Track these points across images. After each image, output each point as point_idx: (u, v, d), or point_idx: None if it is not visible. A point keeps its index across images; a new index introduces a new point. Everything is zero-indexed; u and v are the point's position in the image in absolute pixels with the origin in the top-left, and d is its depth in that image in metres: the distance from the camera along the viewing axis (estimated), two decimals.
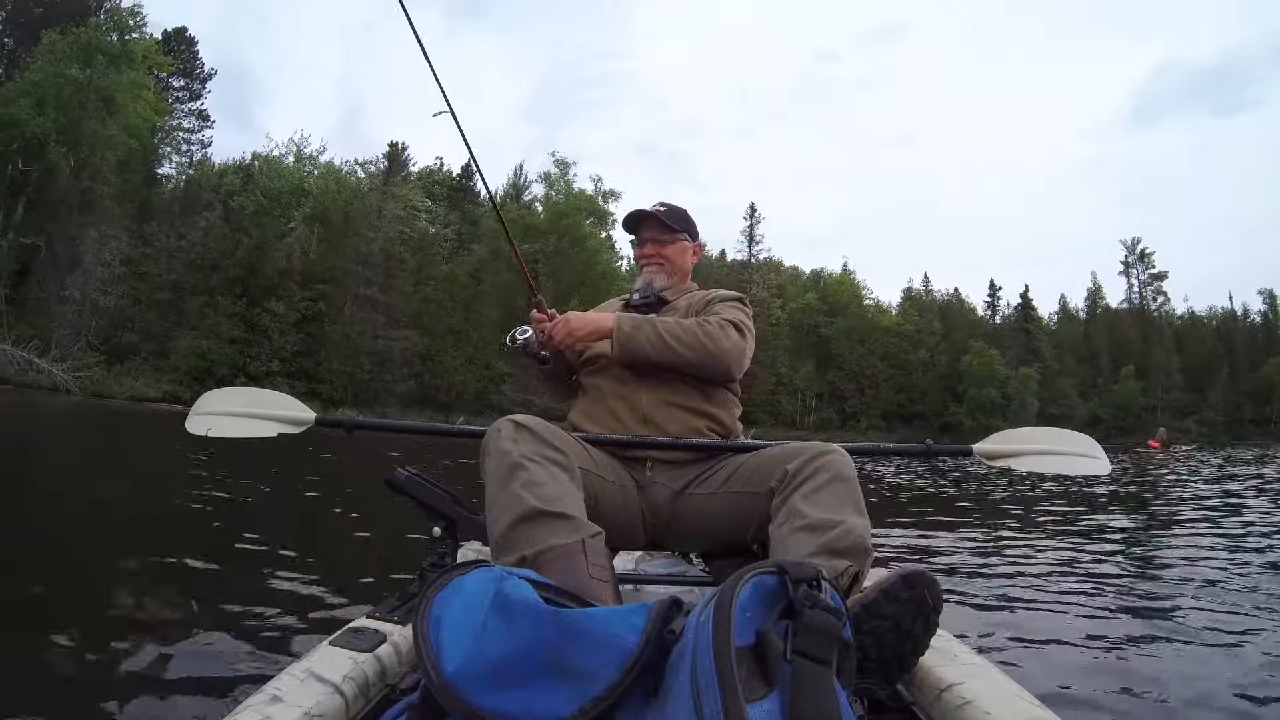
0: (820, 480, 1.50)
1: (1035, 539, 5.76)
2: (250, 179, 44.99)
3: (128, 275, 36.44)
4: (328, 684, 1.19)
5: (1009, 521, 6.99)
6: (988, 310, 67.07)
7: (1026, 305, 65.77)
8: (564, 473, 1.49)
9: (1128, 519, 7.39)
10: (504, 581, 0.97)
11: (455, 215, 48.45)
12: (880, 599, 1.26)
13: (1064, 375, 60.71)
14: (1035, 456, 1.95)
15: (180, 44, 45.68)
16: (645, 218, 2.17)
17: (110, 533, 4.08)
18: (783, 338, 54.68)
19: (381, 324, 41.36)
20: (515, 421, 1.54)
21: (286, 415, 2.08)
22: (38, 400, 23.68)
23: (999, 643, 2.78)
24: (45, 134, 32.13)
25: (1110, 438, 55.28)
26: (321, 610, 2.77)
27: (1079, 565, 4.58)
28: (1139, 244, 66.77)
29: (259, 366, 36.99)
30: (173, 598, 2.80)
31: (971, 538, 5.80)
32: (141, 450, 10.30)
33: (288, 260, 39.97)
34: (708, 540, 1.82)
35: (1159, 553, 5.18)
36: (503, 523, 1.40)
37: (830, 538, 1.39)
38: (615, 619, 0.91)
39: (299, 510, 5.50)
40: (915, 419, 55.44)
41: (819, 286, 61.44)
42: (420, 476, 1.78)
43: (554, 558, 1.33)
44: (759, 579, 0.86)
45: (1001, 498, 9.42)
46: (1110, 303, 69.23)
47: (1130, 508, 8.56)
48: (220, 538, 4.09)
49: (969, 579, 4.00)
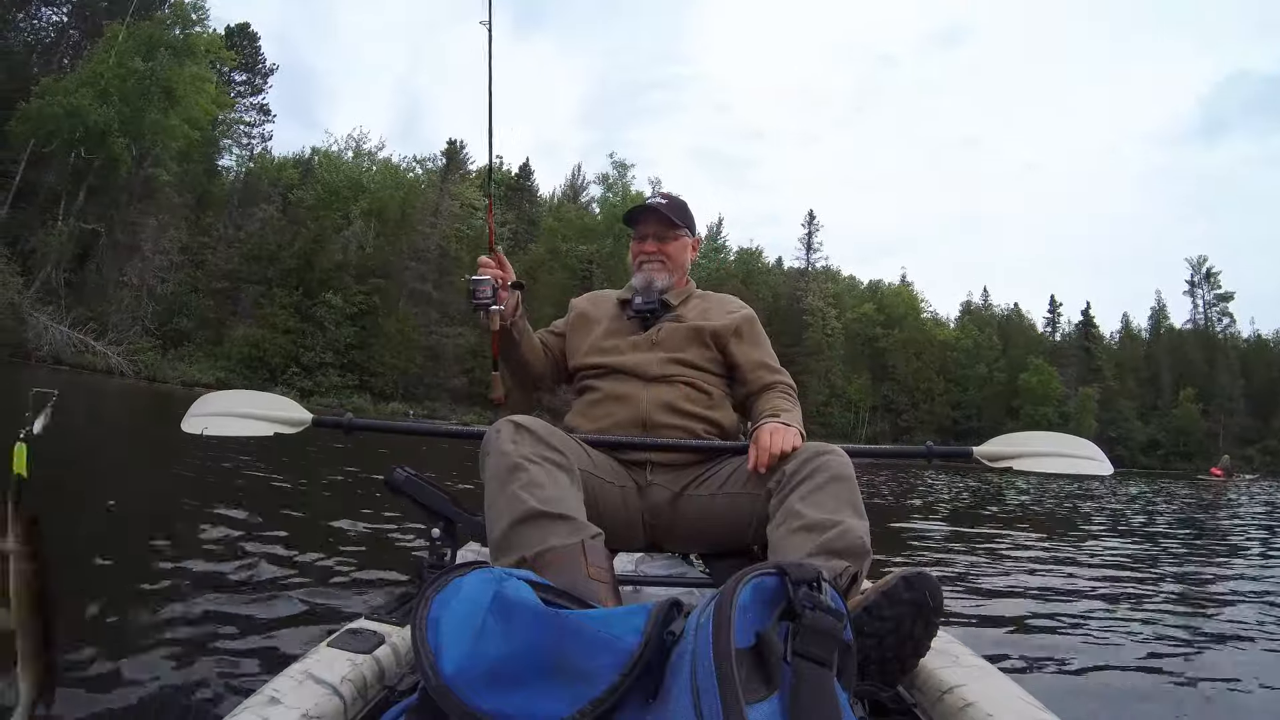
0: (818, 481, 1.50)
1: (1047, 544, 5.85)
2: (309, 173, 45.23)
3: (185, 263, 36.75)
4: (326, 685, 1.19)
5: (1019, 525, 7.17)
6: (1048, 327, 65.28)
7: (1088, 323, 63.81)
8: (564, 474, 1.48)
9: (1169, 540, 7.03)
10: (503, 583, 0.98)
11: (512, 214, 48.30)
12: (881, 600, 1.27)
13: (1124, 396, 58.57)
14: (1035, 458, 1.95)
15: (243, 39, 45.89)
16: (646, 210, 2.11)
17: (103, 522, 3.90)
18: (838, 348, 52.93)
19: (435, 320, 41.09)
20: (515, 422, 1.52)
21: (283, 416, 2.10)
22: (86, 381, 23.44)
23: (1002, 645, 2.73)
24: (108, 123, 32.07)
25: (1170, 463, 54.29)
26: (319, 611, 2.66)
27: (1092, 571, 4.59)
28: (1205, 263, 64.81)
29: (312, 357, 36.60)
30: (168, 595, 2.64)
31: (976, 540, 5.90)
32: (161, 433, 10.14)
33: (344, 254, 39.85)
34: (707, 541, 1.84)
35: (1186, 569, 5.07)
36: (502, 524, 1.40)
37: (828, 538, 1.39)
38: (615, 620, 0.91)
39: (298, 508, 5.28)
40: (970, 435, 53.43)
41: (876, 297, 59.82)
42: (419, 477, 1.80)
43: (553, 559, 1.33)
44: (759, 580, 0.87)
45: (1015, 505, 9.64)
46: (1174, 323, 67.07)
47: (1172, 527, 8.43)
48: (217, 533, 3.92)
49: (972, 580, 4.02)
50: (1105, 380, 58.25)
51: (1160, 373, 61.56)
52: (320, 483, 6.92)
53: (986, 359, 56.93)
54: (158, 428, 9.85)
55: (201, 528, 4.01)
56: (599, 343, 2.04)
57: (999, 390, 55.59)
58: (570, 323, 2.16)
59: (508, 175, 50.96)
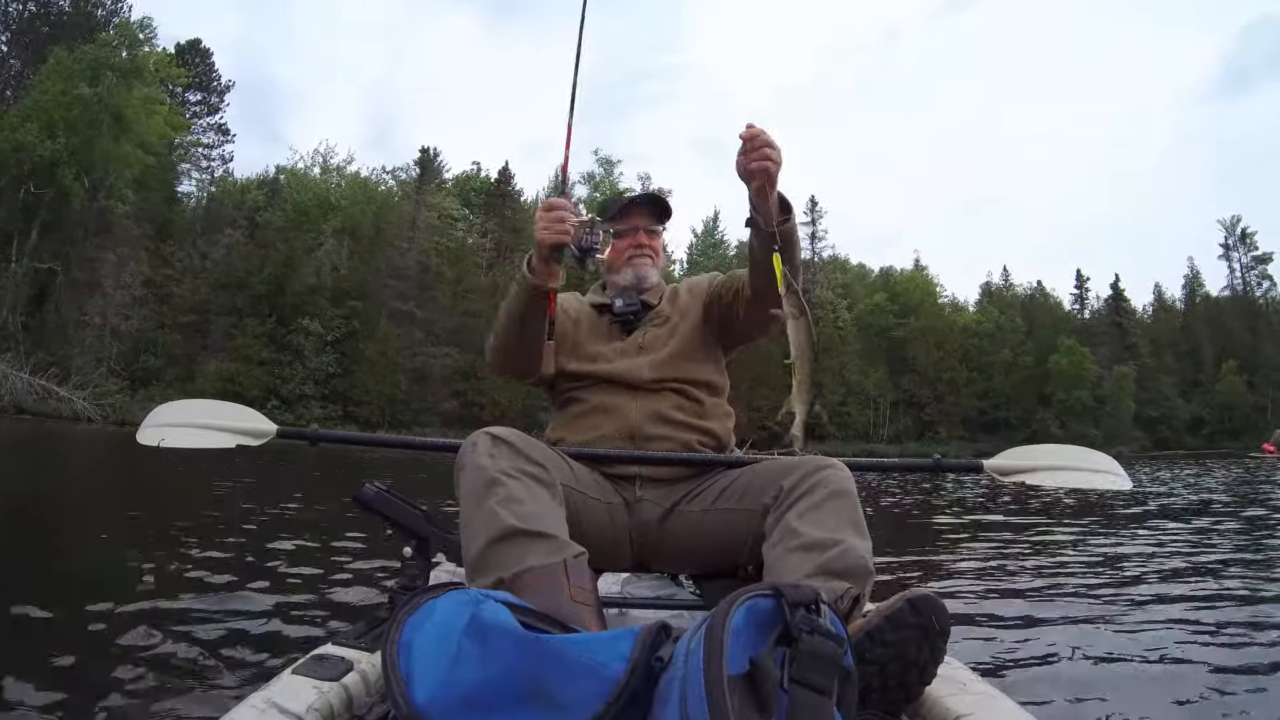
0: (817, 497, 1.50)
1: (1070, 552, 5.67)
2: (275, 193, 45.46)
3: (149, 298, 36.90)
4: (290, 715, 1.18)
5: (1040, 529, 7.05)
6: (1075, 304, 65.32)
7: (1118, 297, 63.66)
8: (544, 489, 1.48)
9: (1219, 538, 6.58)
10: (480, 605, 0.97)
11: (494, 223, 48.32)
12: (884, 625, 1.26)
13: (1162, 373, 58.54)
14: (1050, 472, 1.97)
15: (195, 56, 46.20)
16: (637, 203, 2.09)
17: (63, 546, 4.15)
18: (851, 342, 52.93)
19: (419, 340, 41.16)
20: (492, 434, 1.53)
21: (245, 426, 2.10)
22: (52, 430, 23.72)
23: (1012, 671, 2.69)
24: (56, 155, 32.39)
25: (1216, 441, 54.07)
26: (283, 635, 2.70)
27: (1121, 583, 4.42)
28: (1239, 223, 64.65)
29: (291, 389, 36.79)
30: (123, 620, 2.68)
31: (991, 547, 5.84)
32: (121, 470, 10.57)
33: (317, 276, 40.02)
34: (698, 561, 1.82)
35: (1238, 580, 4.54)
36: (478, 542, 1.39)
37: (828, 558, 1.39)
38: (599, 646, 0.91)
39: (261, 527, 5.45)
40: (1000, 427, 53.39)
41: (889, 285, 59.82)
42: (390, 492, 1.80)
43: (533, 580, 1.32)
44: (753, 602, 0.87)
45: (1037, 503, 9.44)
46: (1210, 290, 66.92)
47: (1220, 520, 8.00)
48: (175, 555, 4.02)
49: (983, 596, 3.97)
50: (1141, 357, 58.17)
51: (1200, 345, 61.58)
52: (287, 500, 6.99)
53: (1011, 343, 56.90)
54: (124, 472, 10.01)
55: (160, 549, 4.09)
56: (581, 348, 2.01)
57: (1027, 375, 55.55)
58: None
59: (487, 181, 50.96)
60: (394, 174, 48.72)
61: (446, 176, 49.91)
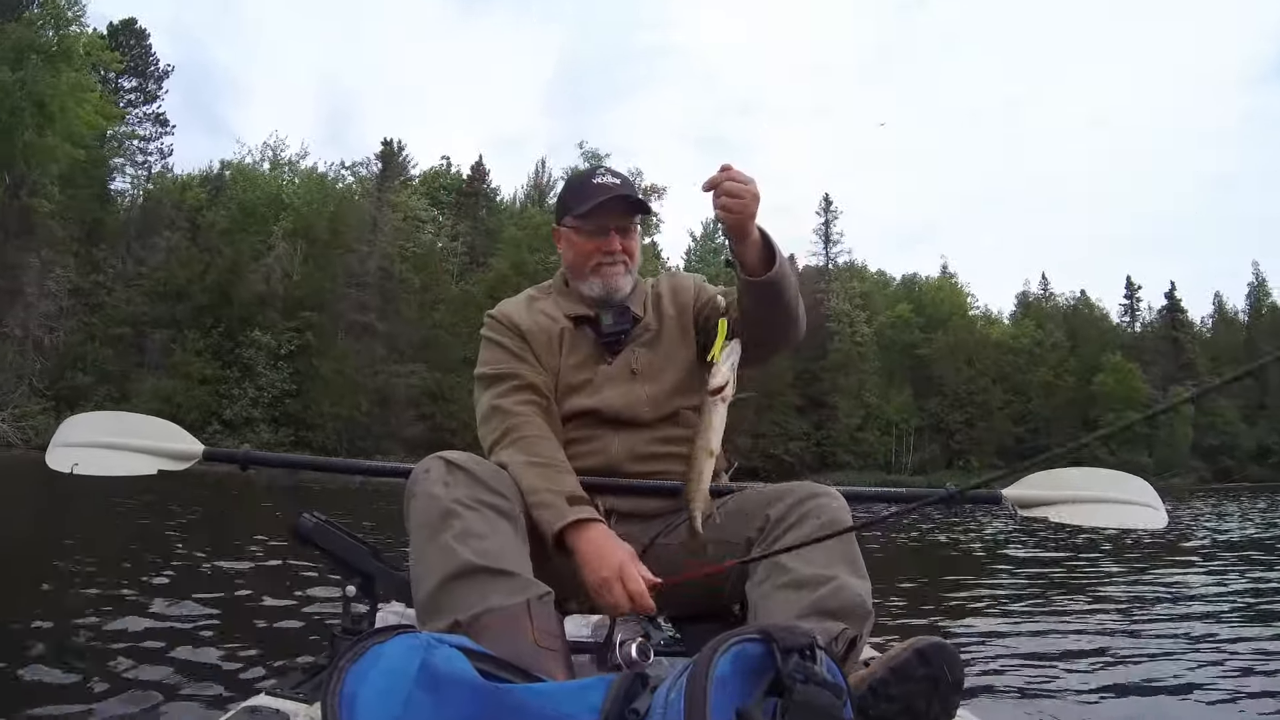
0: (808, 529, 1.50)
1: (1104, 588, 5.75)
2: (220, 191, 45.62)
3: (77, 308, 36.97)
4: None
5: (1069, 562, 7.12)
6: (1125, 316, 65.90)
7: (1174, 308, 64.19)
8: (506, 521, 1.48)
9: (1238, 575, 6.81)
10: (432, 651, 0.96)
11: (466, 225, 48.66)
12: (889, 678, 1.25)
13: (1224, 395, 58.80)
14: (1076, 505, 1.98)
15: (130, 38, 46.79)
16: (613, 200, 1.88)
17: None
18: (871, 359, 53.50)
19: (381, 357, 41.35)
20: (446, 459, 1.53)
21: (169, 448, 2.09)
22: None
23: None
24: None
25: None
26: (211, 685, 2.71)
27: (1155, 627, 4.47)
28: None
29: (236, 411, 37.14)
30: (30, 669, 2.72)
31: (1013, 583, 5.93)
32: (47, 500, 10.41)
33: (267, 283, 40.18)
34: (678, 601, 1.76)
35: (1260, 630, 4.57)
36: (431, 581, 1.39)
37: (820, 596, 1.40)
38: (566, 696, 0.91)
39: (186, 560, 5.54)
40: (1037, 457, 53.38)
41: (913, 295, 60.54)
42: (331, 524, 1.81)
43: (493, 622, 1.32)
44: (741, 648, 0.87)
45: (1064, 548, 9.30)
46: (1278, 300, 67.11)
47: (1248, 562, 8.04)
48: (90, 594, 4.10)
49: (1002, 649, 3.92)
50: (1200, 376, 58.16)
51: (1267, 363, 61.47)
52: (214, 532, 7.23)
53: (1051, 361, 57.30)
54: (51, 503, 9.84)
55: (73, 587, 4.23)
56: (568, 376, 1.90)
57: (1070, 398, 55.90)
58: (518, 347, 1.91)
59: (458, 179, 51.27)
60: (353, 170, 49.03)
61: (413, 173, 50.58)
